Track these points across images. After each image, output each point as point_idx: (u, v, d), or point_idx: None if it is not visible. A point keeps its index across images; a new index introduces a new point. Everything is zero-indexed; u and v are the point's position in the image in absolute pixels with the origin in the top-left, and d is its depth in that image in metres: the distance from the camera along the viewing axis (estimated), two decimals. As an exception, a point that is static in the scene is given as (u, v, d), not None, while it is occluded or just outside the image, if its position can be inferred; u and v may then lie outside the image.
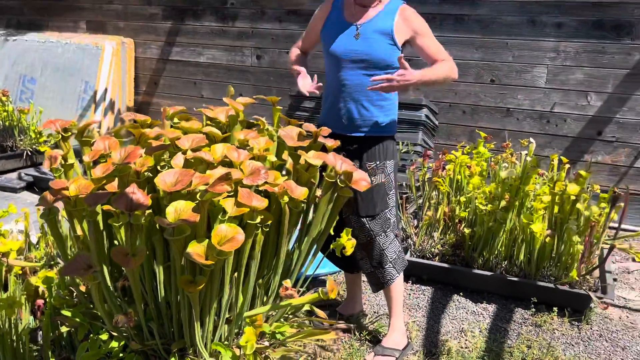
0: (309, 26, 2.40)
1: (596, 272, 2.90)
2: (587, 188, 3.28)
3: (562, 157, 3.39)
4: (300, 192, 1.57)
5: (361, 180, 1.62)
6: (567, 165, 3.38)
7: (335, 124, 2.18)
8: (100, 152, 1.64)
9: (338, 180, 1.60)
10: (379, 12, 2.17)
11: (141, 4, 5.53)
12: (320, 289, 1.59)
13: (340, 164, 1.61)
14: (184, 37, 5.40)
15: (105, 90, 5.39)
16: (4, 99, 4.89)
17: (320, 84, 2.23)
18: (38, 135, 4.87)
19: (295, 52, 2.50)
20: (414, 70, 1.99)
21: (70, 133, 1.81)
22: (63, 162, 1.70)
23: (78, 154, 1.85)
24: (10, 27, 6.38)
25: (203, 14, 5.24)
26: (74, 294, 1.86)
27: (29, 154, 4.82)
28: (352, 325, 2.45)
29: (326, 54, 2.24)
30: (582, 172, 2.93)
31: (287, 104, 4.81)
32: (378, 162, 2.19)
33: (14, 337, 1.74)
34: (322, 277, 2.99)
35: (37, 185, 4.32)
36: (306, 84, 2.22)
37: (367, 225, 2.18)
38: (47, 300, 1.88)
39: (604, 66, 3.90)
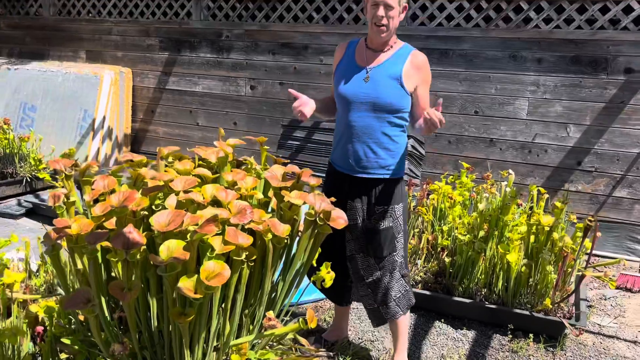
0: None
1: (572, 299, 3.04)
2: (565, 218, 3.44)
3: (540, 188, 3.55)
4: (283, 230, 1.71)
5: (339, 219, 1.77)
6: (546, 196, 3.55)
7: (343, 163, 2.26)
8: (100, 191, 1.79)
9: (317, 218, 1.74)
10: (389, 56, 2.22)
11: (139, 35, 5.73)
12: (300, 318, 1.72)
13: (319, 203, 1.76)
14: (180, 67, 5.58)
15: (104, 118, 5.56)
16: (5, 127, 5.04)
17: (305, 110, 2.25)
18: (38, 162, 5.01)
19: (329, 98, 2.50)
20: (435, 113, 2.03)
21: (72, 172, 1.95)
22: (66, 200, 1.84)
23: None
24: (12, 55, 6.57)
25: (199, 45, 5.44)
26: (73, 321, 1.99)
27: (29, 180, 4.95)
28: (334, 352, 2.56)
29: (336, 95, 2.30)
30: (558, 204, 3.09)
31: (279, 133, 4.98)
32: (386, 206, 2.23)
33: (16, 364, 1.86)
34: (309, 304, 3.11)
35: (36, 212, 4.45)
36: (298, 104, 2.25)
37: (374, 266, 2.26)
38: (48, 328, 2.01)
39: (582, 99, 4.09)
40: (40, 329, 2.19)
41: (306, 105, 2.25)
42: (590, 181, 4.16)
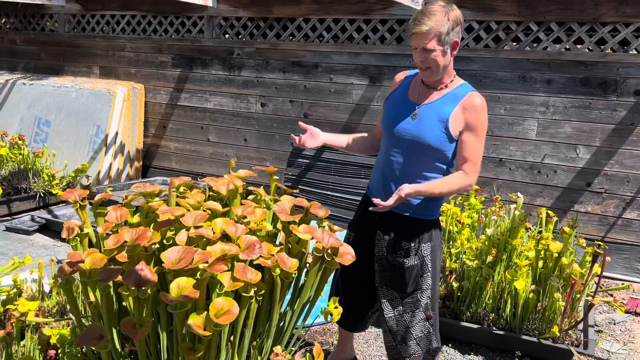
0: None
1: (581, 325, 3.03)
2: (574, 241, 3.43)
3: (549, 211, 3.55)
4: (291, 265, 1.74)
5: (346, 255, 1.79)
6: (555, 218, 3.55)
7: (377, 193, 2.23)
8: (113, 223, 1.82)
9: (325, 254, 1.77)
10: (442, 95, 2.11)
11: (152, 52, 5.82)
12: (308, 354, 1.74)
13: (327, 239, 1.78)
14: (192, 84, 5.66)
15: (116, 133, 5.64)
16: (19, 142, 5.13)
17: (308, 142, 2.29)
18: (51, 178, 5.09)
19: (361, 137, 2.45)
20: (407, 186, 2.01)
21: (87, 202, 1.99)
22: (80, 232, 1.88)
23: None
24: (28, 71, 6.69)
25: (211, 63, 5.51)
26: (84, 350, 2.03)
27: (42, 195, 5.04)
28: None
29: (383, 126, 2.25)
30: (566, 229, 3.09)
31: (289, 150, 5.02)
32: (412, 244, 2.17)
33: (29, 390, 1.90)
34: (318, 326, 3.13)
35: (49, 228, 4.51)
36: (309, 140, 2.28)
37: (397, 301, 2.22)
38: (60, 354, 2.05)
39: (592, 121, 4.09)
40: (52, 352, 2.23)
41: (311, 138, 2.27)
42: (600, 202, 4.15)
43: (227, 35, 5.48)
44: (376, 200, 2.05)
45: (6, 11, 6.74)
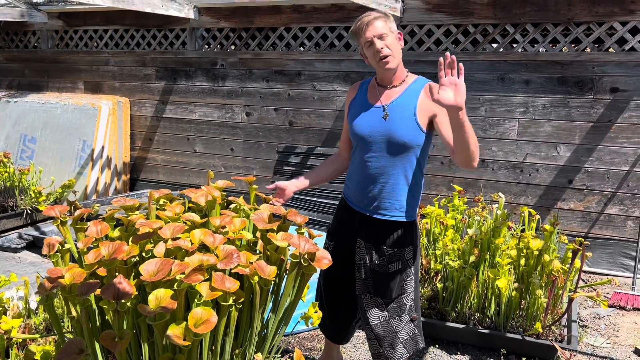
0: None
1: (565, 321, 3.07)
2: (556, 239, 3.49)
3: (531, 210, 3.60)
4: (269, 272, 1.76)
5: (323, 259, 1.82)
6: (537, 217, 3.60)
7: (357, 201, 2.23)
8: (93, 238, 1.85)
9: (302, 260, 1.80)
10: (403, 91, 2.15)
11: (136, 65, 5.85)
12: None
13: (304, 245, 1.81)
14: (176, 95, 5.68)
15: (102, 147, 5.65)
16: (5, 160, 5.13)
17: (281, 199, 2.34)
18: (38, 195, 5.09)
19: (323, 167, 2.47)
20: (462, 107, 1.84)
21: (67, 218, 2.01)
22: (60, 248, 1.90)
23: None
24: (12, 88, 6.69)
25: (195, 74, 5.54)
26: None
27: (29, 212, 5.03)
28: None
29: (352, 135, 2.25)
30: (547, 227, 3.14)
31: (275, 158, 5.05)
32: (395, 249, 2.19)
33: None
34: (305, 332, 3.15)
35: (36, 245, 4.51)
36: (276, 195, 2.32)
37: (382, 307, 2.23)
38: (45, 371, 2.06)
39: (570, 119, 4.16)
40: (38, 369, 2.24)
41: (280, 195, 2.32)
42: (582, 199, 4.21)
43: (210, 47, 5.52)
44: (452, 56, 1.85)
45: (-11, 29, 6.75)
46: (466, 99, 1.88)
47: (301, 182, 2.40)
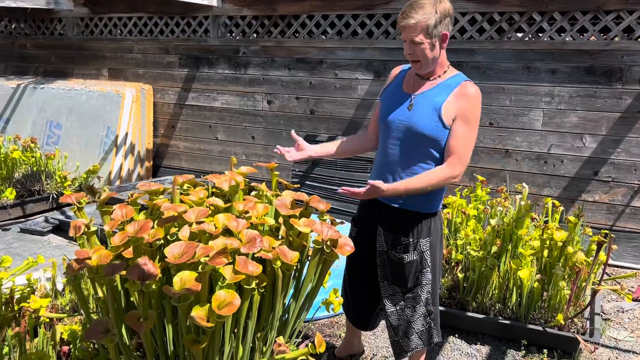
0: None
1: (588, 314, 3.04)
2: (581, 230, 3.44)
3: (555, 201, 3.55)
4: (292, 257, 1.78)
5: (345, 246, 1.83)
6: (561, 208, 3.55)
7: None
8: (118, 221, 1.88)
9: (324, 246, 1.81)
10: (436, 85, 2.12)
11: (159, 52, 5.89)
12: (310, 343, 1.78)
13: (326, 231, 1.82)
14: (199, 83, 5.72)
15: (126, 134, 5.72)
16: (32, 145, 5.23)
17: (290, 154, 2.35)
18: (63, 180, 5.18)
19: (349, 140, 2.46)
20: (383, 185, 2.02)
21: (91, 201, 2.05)
22: (87, 230, 1.93)
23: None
24: (38, 74, 6.80)
25: (217, 62, 5.56)
26: (95, 344, 2.09)
27: (55, 197, 5.13)
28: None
29: (379, 119, 2.26)
30: (571, 218, 3.10)
31: (292, 131, 5.05)
32: (411, 239, 2.18)
33: (43, 385, 1.97)
34: (325, 319, 3.17)
35: (62, 228, 4.60)
36: (295, 153, 2.34)
37: (398, 296, 2.24)
38: (72, 350, 2.11)
39: (597, 110, 4.07)
40: (66, 348, 2.30)
41: (294, 151, 2.34)
42: (607, 191, 4.14)
43: (232, 35, 5.52)
44: (343, 189, 2.04)
45: (16, 17, 6.85)
46: (491, 88, 1.88)
47: (321, 149, 2.39)
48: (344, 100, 4.98)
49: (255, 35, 5.38)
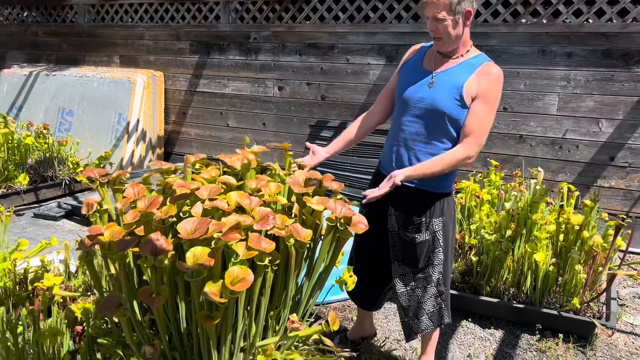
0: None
1: (603, 298, 2.99)
2: (596, 216, 3.39)
3: (570, 186, 3.50)
4: (305, 235, 1.75)
5: (359, 224, 1.80)
6: (577, 193, 3.50)
7: (388, 167, 2.17)
8: (130, 199, 1.87)
9: (338, 223, 1.78)
10: (458, 63, 2.08)
11: (170, 39, 5.87)
12: (323, 321, 1.77)
13: (340, 208, 1.79)
14: (210, 69, 5.70)
15: (138, 121, 5.72)
16: (44, 132, 5.25)
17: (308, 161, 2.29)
18: (76, 166, 5.20)
19: (351, 127, 2.39)
20: (399, 172, 1.99)
21: (107, 180, 2.04)
22: (99, 208, 1.93)
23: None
24: (50, 62, 6.82)
25: (228, 48, 5.53)
26: (108, 322, 2.09)
27: (67, 183, 5.15)
28: (356, 353, 2.58)
29: (396, 96, 2.22)
30: (588, 202, 3.05)
31: (307, 132, 5.04)
32: (424, 219, 2.14)
33: (56, 362, 1.97)
34: (336, 303, 3.16)
35: (75, 214, 4.63)
36: (308, 159, 2.28)
37: (409, 276, 2.21)
38: (85, 328, 2.11)
39: (614, 93, 4.00)
40: (79, 328, 2.30)
41: (311, 157, 2.29)
42: (624, 177, 4.07)
43: (243, 20, 5.49)
44: (366, 192, 2.02)
45: (28, 5, 6.87)
46: (505, 73, 1.86)
47: (331, 147, 2.37)
48: (356, 86, 4.94)
49: (266, 20, 5.34)
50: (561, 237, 2.97)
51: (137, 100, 5.71)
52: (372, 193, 2.01)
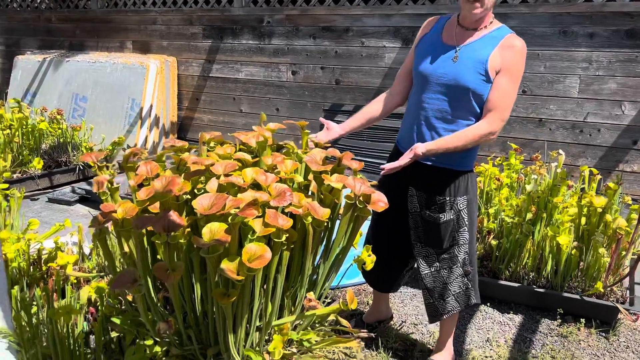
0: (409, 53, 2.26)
1: (626, 283, 2.91)
2: (619, 199, 3.30)
3: (592, 169, 3.41)
4: (323, 213, 1.71)
5: (379, 202, 1.75)
6: (599, 177, 3.41)
7: (409, 145, 2.06)
8: (143, 176, 1.83)
9: (357, 201, 1.73)
10: (481, 37, 2.01)
11: (183, 24, 5.83)
12: (341, 300, 1.72)
13: (359, 186, 1.74)
14: (223, 54, 5.65)
15: (151, 106, 5.70)
16: (58, 117, 5.25)
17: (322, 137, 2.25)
18: (89, 151, 5.19)
19: (371, 104, 2.36)
20: (421, 145, 1.96)
21: (104, 164, 2.01)
22: (110, 186, 1.89)
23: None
24: (63, 48, 6.81)
25: (241, 32, 5.47)
26: (122, 302, 2.06)
27: (81, 168, 5.15)
28: (374, 334, 2.54)
29: (415, 72, 2.15)
30: (611, 184, 2.97)
31: (321, 117, 4.96)
32: (447, 198, 2.09)
33: (71, 341, 1.95)
34: (351, 287, 3.11)
35: (89, 199, 4.62)
36: (322, 134, 2.25)
37: (433, 257, 2.16)
38: (99, 308, 2.09)
39: (638, 75, 3.88)
40: (93, 310, 2.29)
41: (325, 133, 2.25)
42: (647, 161, 3.97)
43: (256, 4, 5.42)
44: (384, 165, 1.97)
45: (41, -10, 6.86)
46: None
47: (346, 125, 2.32)
48: (371, 70, 4.86)
49: (279, 4, 5.27)
50: (583, 220, 2.89)
51: (150, 85, 5.68)
52: (391, 164, 1.95)
